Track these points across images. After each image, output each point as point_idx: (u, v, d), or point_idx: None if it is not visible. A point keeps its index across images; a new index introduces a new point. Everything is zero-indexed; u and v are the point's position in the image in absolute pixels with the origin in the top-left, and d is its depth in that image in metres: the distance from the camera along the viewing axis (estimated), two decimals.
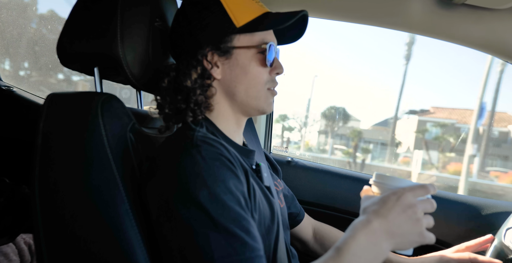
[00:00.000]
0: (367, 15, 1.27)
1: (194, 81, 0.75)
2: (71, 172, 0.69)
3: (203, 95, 0.76)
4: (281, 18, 0.75)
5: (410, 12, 1.16)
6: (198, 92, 0.75)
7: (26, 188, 1.18)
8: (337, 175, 1.50)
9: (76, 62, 0.83)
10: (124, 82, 0.95)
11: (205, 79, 0.76)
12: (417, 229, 0.61)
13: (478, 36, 1.16)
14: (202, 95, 0.76)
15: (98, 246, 0.66)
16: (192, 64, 0.75)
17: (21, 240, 1.20)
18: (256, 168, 0.81)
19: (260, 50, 0.76)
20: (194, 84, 0.75)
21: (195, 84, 0.75)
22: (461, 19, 1.12)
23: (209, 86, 0.77)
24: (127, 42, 0.77)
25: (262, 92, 0.78)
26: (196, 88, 0.75)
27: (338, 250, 0.60)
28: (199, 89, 0.75)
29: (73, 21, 0.81)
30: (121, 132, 0.74)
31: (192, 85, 0.74)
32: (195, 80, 0.75)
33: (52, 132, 0.71)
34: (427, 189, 0.63)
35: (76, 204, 0.68)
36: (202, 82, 0.76)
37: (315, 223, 1.15)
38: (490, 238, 1.04)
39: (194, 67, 0.75)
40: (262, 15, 0.76)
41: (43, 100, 0.74)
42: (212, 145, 0.67)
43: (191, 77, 0.74)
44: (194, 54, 0.75)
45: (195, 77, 0.75)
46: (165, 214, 0.62)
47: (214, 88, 0.78)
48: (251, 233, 0.61)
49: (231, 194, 0.62)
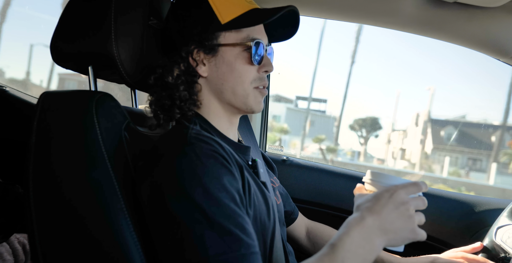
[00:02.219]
0: (359, 14, 1.27)
1: (177, 78, 0.75)
2: (65, 171, 0.68)
3: (187, 92, 0.76)
4: (266, 14, 0.75)
5: (402, 11, 1.16)
6: (182, 88, 0.75)
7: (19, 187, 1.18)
8: (332, 173, 1.51)
9: (70, 61, 0.83)
10: (119, 81, 0.95)
11: (189, 76, 0.77)
12: (409, 225, 0.61)
13: (470, 34, 1.16)
14: (186, 91, 0.76)
15: (93, 244, 0.66)
16: (176, 61, 0.76)
17: (15, 239, 1.19)
18: (252, 163, 0.82)
19: (246, 47, 0.76)
20: (176, 80, 0.75)
21: (177, 81, 0.75)
22: (453, 17, 1.13)
23: (193, 83, 0.77)
24: (121, 41, 0.76)
25: (248, 90, 0.78)
26: (179, 85, 0.75)
27: (332, 247, 0.60)
28: (183, 86, 0.76)
29: (66, 19, 0.80)
30: (116, 131, 0.74)
31: (175, 81, 0.75)
32: (178, 77, 0.75)
33: (46, 131, 0.71)
34: (419, 186, 0.64)
35: (70, 202, 0.67)
36: (186, 79, 0.76)
37: (308, 223, 1.16)
38: (479, 246, 1.02)
39: (177, 63, 0.76)
40: (248, 12, 0.76)
41: (36, 100, 0.74)
42: (206, 142, 0.67)
43: (173, 74, 0.75)
44: (179, 51, 0.76)
45: (177, 73, 0.75)
46: (160, 212, 0.62)
47: (199, 85, 0.78)
48: (246, 229, 0.61)
49: (226, 191, 0.63)
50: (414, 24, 1.22)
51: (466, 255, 0.97)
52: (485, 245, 1.03)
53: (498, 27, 1.11)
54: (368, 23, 1.31)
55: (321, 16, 1.35)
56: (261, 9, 0.77)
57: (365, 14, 1.27)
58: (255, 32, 0.78)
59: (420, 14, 1.15)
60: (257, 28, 0.79)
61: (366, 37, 31.15)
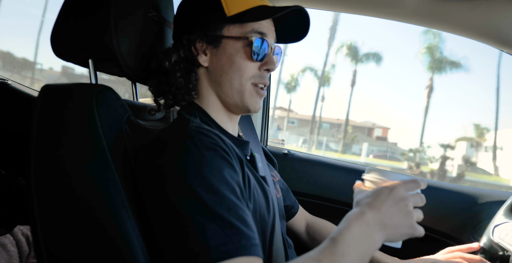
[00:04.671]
0: (363, 5, 1.26)
1: (174, 64, 0.77)
2: (66, 163, 0.69)
3: (183, 79, 0.77)
4: (271, 10, 0.74)
5: (405, 2, 1.15)
6: (178, 75, 0.77)
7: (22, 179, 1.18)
8: (333, 167, 1.51)
9: (70, 54, 0.83)
10: (119, 74, 0.94)
11: (188, 64, 0.78)
12: (408, 221, 0.62)
13: (473, 25, 1.15)
14: (181, 79, 0.77)
15: (95, 236, 0.66)
16: (176, 47, 0.77)
17: (18, 231, 1.20)
18: (250, 158, 0.82)
19: (248, 42, 0.76)
20: (174, 67, 0.77)
21: (175, 67, 0.77)
22: (456, 8, 1.11)
23: (190, 72, 0.78)
24: (121, 33, 0.76)
25: (245, 86, 0.77)
26: (176, 71, 0.77)
27: (333, 241, 0.61)
28: (180, 73, 0.77)
29: (66, 12, 0.80)
30: (117, 124, 0.74)
31: (172, 67, 0.77)
32: (176, 63, 0.77)
33: (46, 123, 0.71)
34: (418, 183, 0.65)
35: (71, 195, 0.68)
36: (184, 66, 0.78)
37: (309, 217, 1.16)
38: (476, 246, 1.02)
39: (176, 50, 0.77)
40: (255, 7, 0.75)
41: (38, 93, 0.74)
42: (207, 135, 0.67)
43: (170, 60, 0.77)
44: (180, 38, 0.77)
45: (174, 59, 0.77)
46: (161, 204, 0.62)
47: (196, 74, 0.79)
48: (246, 222, 0.62)
49: (227, 184, 0.63)
50: (417, 16, 1.21)
51: (464, 255, 0.97)
52: (482, 244, 1.03)
53: (501, 18, 1.09)
54: (372, 14, 1.30)
55: (326, 8, 1.34)
56: (269, 6, 0.77)
57: (368, 6, 1.26)
58: (261, 28, 0.77)
59: (423, 5, 1.14)
60: (264, 25, 0.78)
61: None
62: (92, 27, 0.77)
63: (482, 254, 1.00)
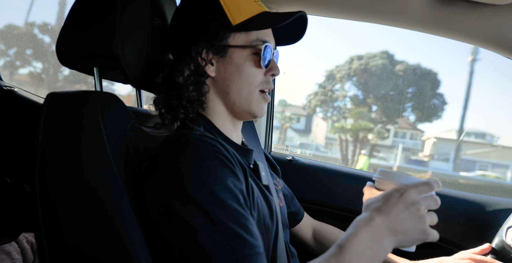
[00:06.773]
0: (367, 12, 1.26)
1: (187, 78, 0.75)
2: (71, 171, 0.69)
3: (196, 93, 0.76)
4: (277, 18, 0.74)
5: (411, 9, 1.15)
6: (191, 89, 0.75)
7: (27, 187, 1.19)
8: (338, 173, 1.50)
9: (75, 62, 0.83)
10: (124, 81, 0.95)
11: (198, 76, 0.76)
12: (420, 226, 0.60)
13: (479, 32, 1.15)
14: (194, 92, 0.76)
15: (99, 244, 0.66)
16: (185, 61, 0.75)
17: (23, 239, 1.20)
18: (254, 167, 0.81)
19: (255, 50, 0.76)
20: (186, 80, 0.75)
21: (187, 81, 0.75)
22: (462, 15, 1.11)
23: (202, 84, 0.77)
24: (126, 42, 0.76)
25: (254, 93, 0.78)
26: (189, 85, 0.75)
27: (339, 248, 0.60)
28: (192, 86, 0.75)
29: (72, 20, 0.81)
30: (121, 131, 0.74)
31: (184, 81, 0.75)
32: (188, 77, 0.75)
33: (52, 131, 0.71)
34: (431, 185, 0.62)
35: (76, 202, 0.68)
36: (196, 79, 0.76)
37: (315, 223, 1.15)
38: (487, 248, 1.00)
39: (187, 63, 0.75)
40: (259, 14, 0.75)
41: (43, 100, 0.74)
42: (210, 143, 0.67)
43: (183, 74, 0.75)
44: (188, 51, 0.76)
45: (187, 73, 0.75)
46: (164, 213, 0.62)
47: (208, 86, 0.78)
48: (250, 230, 0.61)
49: (230, 192, 0.62)
50: (423, 23, 1.21)
51: (474, 256, 0.95)
52: (494, 245, 1.02)
53: (507, 25, 1.09)
54: (377, 22, 1.30)
55: (330, 15, 1.34)
56: (271, 12, 0.77)
57: (373, 13, 1.26)
58: (264, 35, 0.78)
59: (428, 12, 1.14)
60: (266, 32, 0.79)
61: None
62: (98, 35, 0.77)
63: (494, 255, 0.99)
